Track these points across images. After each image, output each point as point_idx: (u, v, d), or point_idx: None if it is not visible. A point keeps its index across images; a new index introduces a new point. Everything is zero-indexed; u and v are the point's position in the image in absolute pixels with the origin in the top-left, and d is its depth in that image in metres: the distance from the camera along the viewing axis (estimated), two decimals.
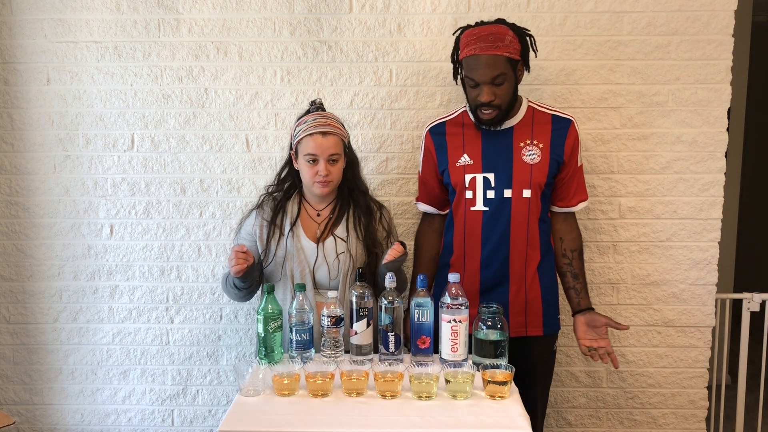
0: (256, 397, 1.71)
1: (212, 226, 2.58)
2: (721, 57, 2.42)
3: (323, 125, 2.02)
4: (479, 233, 2.09)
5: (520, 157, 2.06)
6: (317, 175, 2.01)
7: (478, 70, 1.96)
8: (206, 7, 2.47)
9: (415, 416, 1.59)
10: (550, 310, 2.15)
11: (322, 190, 2.04)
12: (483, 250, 2.09)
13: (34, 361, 2.66)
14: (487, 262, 2.09)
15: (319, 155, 2.00)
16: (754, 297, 2.62)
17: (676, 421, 2.60)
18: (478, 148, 2.08)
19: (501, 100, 1.99)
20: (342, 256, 2.04)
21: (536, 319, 2.12)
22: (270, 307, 1.87)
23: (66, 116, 2.54)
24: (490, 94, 1.96)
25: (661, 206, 2.50)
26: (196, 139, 2.54)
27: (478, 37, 1.97)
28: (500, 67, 1.95)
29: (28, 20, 2.49)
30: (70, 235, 2.59)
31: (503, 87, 1.98)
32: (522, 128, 2.08)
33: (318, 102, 2.12)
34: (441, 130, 2.16)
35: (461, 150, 2.11)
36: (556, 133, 2.08)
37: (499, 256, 2.08)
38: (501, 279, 2.10)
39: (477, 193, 2.08)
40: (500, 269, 2.09)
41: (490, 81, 1.96)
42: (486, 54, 1.95)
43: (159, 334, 2.63)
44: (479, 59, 1.96)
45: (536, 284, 2.11)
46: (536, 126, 2.09)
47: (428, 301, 1.85)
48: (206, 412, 2.67)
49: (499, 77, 1.96)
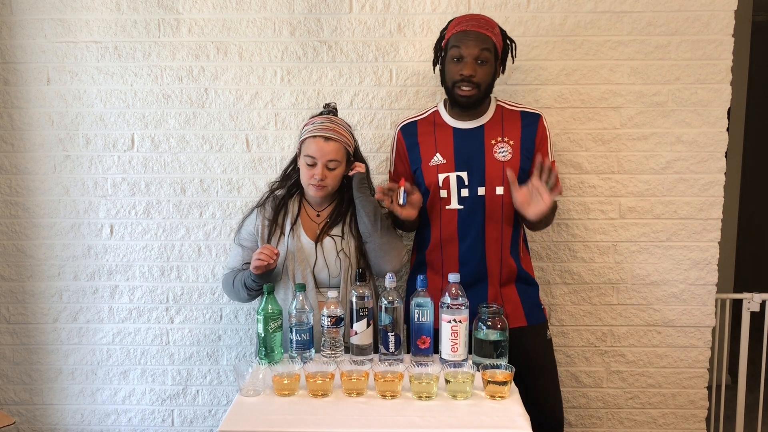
0: (256, 397, 1.71)
1: (212, 226, 2.58)
2: (721, 57, 2.42)
3: (328, 130, 2.03)
4: (455, 231, 2.10)
5: (492, 154, 2.07)
6: (313, 177, 2.02)
7: (466, 43, 2.01)
8: (206, 7, 2.47)
9: (415, 416, 1.59)
10: (530, 302, 2.16)
11: (315, 193, 2.05)
12: (460, 247, 2.10)
13: (34, 361, 2.66)
14: (465, 259, 2.10)
15: (317, 159, 2.01)
16: (754, 297, 2.62)
17: (676, 421, 2.60)
18: (451, 147, 2.10)
19: (480, 80, 2.02)
20: (342, 255, 2.04)
21: (517, 311, 2.12)
22: (270, 307, 1.87)
23: (66, 116, 2.54)
24: (472, 68, 2.00)
25: (661, 206, 2.50)
26: (196, 139, 2.54)
27: (470, 18, 2.06)
28: (488, 45, 2.01)
29: (28, 20, 2.49)
30: (70, 235, 2.59)
31: (485, 68, 2.02)
32: (492, 126, 2.10)
33: (332, 105, 2.15)
34: (413, 130, 2.18)
35: (434, 149, 2.12)
36: (526, 129, 2.11)
37: (476, 253, 2.09)
38: (479, 276, 2.11)
39: (451, 192, 2.09)
40: (478, 266, 2.10)
41: (476, 55, 2.00)
42: (476, 30, 2.01)
43: (159, 334, 2.63)
44: (469, 34, 2.01)
45: (513, 279, 2.13)
46: (506, 123, 2.11)
47: (428, 301, 1.85)
48: (206, 412, 2.67)
49: (485, 52, 2.00)
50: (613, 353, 2.58)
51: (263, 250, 1.92)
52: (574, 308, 2.57)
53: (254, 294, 2.06)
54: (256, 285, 2.00)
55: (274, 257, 1.93)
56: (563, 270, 2.54)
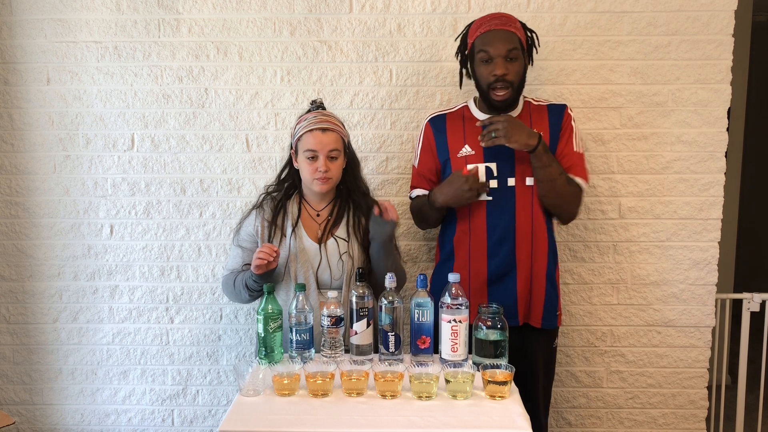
0: (256, 397, 1.71)
1: (212, 226, 2.58)
2: (721, 57, 2.42)
3: (323, 122, 2.02)
4: (484, 223, 2.09)
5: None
6: (317, 171, 2.00)
7: (493, 44, 2.01)
8: (206, 7, 2.47)
9: (415, 416, 1.59)
10: (550, 304, 2.14)
11: (321, 187, 2.03)
12: (489, 239, 2.09)
13: (34, 361, 2.66)
14: (494, 251, 2.09)
15: (318, 151, 2.00)
16: (754, 297, 2.62)
17: (676, 421, 2.60)
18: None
19: (514, 77, 2.02)
20: (345, 257, 2.04)
21: (537, 310, 2.12)
22: (270, 307, 1.87)
23: (66, 116, 2.54)
24: (504, 67, 2.00)
25: (661, 206, 2.50)
26: (196, 139, 2.54)
27: (491, 17, 2.06)
28: (514, 42, 2.02)
29: (28, 20, 2.49)
30: (70, 235, 2.59)
31: (516, 63, 2.02)
32: (521, 119, 2.10)
33: (318, 101, 2.13)
34: (442, 122, 2.18)
35: (462, 141, 2.12)
36: (553, 119, 2.12)
37: (505, 244, 2.08)
38: (508, 268, 2.10)
39: None
40: (507, 258, 2.09)
41: (505, 53, 2.00)
42: (501, 29, 2.02)
43: (159, 334, 2.63)
44: (495, 33, 2.02)
45: (542, 274, 2.11)
46: (534, 116, 2.12)
47: (428, 301, 1.85)
48: (206, 412, 2.67)
49: (513, 51, 2.01)
50: (613, 353, 2.58)
51: (263, 249, 1.91)
52: (574, 308, 2.57)
53: (255, 294, 2.05)
54: (257, 285, 1.99)
55: (274, 255, 1.93)
56: (563, 270, 2.54)
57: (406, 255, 2.55)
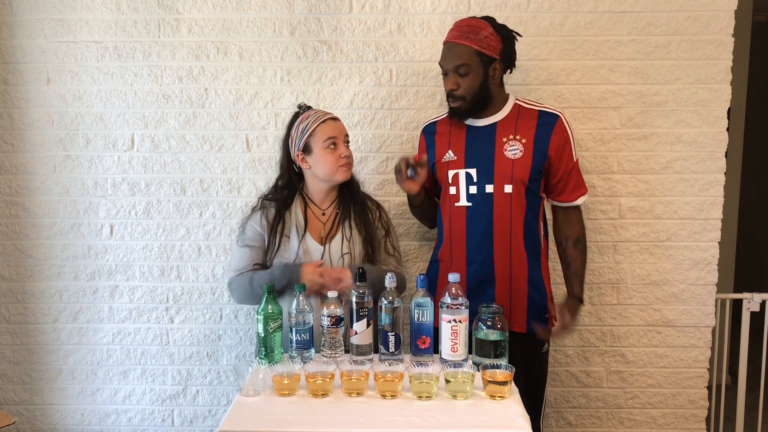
0: (256, 397, 1.71)
1: (212, 226, 2.58)
2: (721, 57, 2.42)
3: (328, 114, 2.09)
4: (463, 229, 2.10)
5: (502, 152, 2.06)
6: (340, 158, 2.04)
7: (444, 57, 2.05)
8: (206, 7, 2.47)
9: (415, 416, 1.59)
10: (537, 310, 2.10)
11: (346, 173, 2.07)
12: (467, 245, 2.09)
13: (34, 361, 2.66)
14: (472, 257, 2.09)
15: (337, 137, 2.05)
16: (754, 297, 2.62)
17: (676, 421, 2.60)
18: (462, 145, 2.10)
19: (464, 92, 2.02)
20: (347, 257, 2.04)
21: (520, 316, 2.09)
22: (270, 307, 1.87)
23: (66, 116, 2.54)
24: (453, 83, 2.02)
25: (661, 206, 2.50)
26: (196, 139, 2.54)
27: (456, 27, 2.05)
28: (465, 57, 2.00)
29: (28, 20, 2.49)
30: (70, 235, 2.59)
31: (467, 79, 2.01)
32: (505, 124, 2.09)
33: (304, 105, 2.16)
34: (432, 129, 2.21)
35: (447, 146, 2.14)
36: (541, 128, 2.07)
37: (483, 251, 2.07)
38: (486, 276, 2.08)
39: (460, 189, 2.09)
40: (484, 265, 2.07)
41: (452, 69, 2.01)
42: (454, 42, 2.02)
43: (159, 334, 2.63)
44: (448, 47, 2.04)
45: (523, 282, 2.08)
46: (521, 121, 2.08)
47: (428, 301, 1.85)
48: (206, 412, 2.67)
49: (462, 67, 2.00)
50: (613, 353, 2.58)
51: (345, 280, 1.93)
52: None
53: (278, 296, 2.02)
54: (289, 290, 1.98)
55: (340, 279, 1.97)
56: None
57: (406, 255, 2.55)
